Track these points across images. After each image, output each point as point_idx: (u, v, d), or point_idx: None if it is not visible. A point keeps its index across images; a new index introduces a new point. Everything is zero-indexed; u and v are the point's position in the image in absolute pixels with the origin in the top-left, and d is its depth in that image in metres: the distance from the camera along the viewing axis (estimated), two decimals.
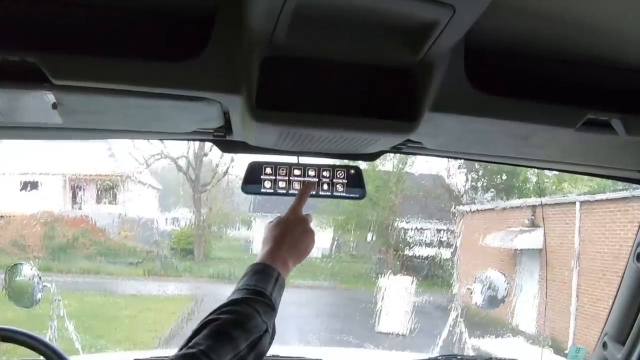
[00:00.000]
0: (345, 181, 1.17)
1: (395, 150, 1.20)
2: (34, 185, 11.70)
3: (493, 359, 1.82)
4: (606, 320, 1.46)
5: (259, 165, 1.16)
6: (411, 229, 11.92)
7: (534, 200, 10.04)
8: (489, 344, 7.46)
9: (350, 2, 0.69)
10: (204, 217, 12.38)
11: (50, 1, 0.79)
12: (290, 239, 1.06)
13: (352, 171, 1.18)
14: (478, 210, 11.28)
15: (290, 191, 1.16)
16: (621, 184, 6.71)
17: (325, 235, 11.89)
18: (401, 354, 3.77)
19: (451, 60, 0.84)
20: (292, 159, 1.17)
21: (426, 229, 11.85)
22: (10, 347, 1.49)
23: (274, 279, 0.99)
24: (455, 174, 12.54)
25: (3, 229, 10.83)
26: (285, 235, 1.06)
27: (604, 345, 1.44)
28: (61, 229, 11.21)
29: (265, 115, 0.84)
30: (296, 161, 1.17)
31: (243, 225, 13.52)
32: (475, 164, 11.35)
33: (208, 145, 1.65)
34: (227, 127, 1.06)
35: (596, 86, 0.95)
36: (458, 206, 11.69)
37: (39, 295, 2.17)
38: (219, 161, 12.17)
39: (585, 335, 7.78)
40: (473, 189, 12.47)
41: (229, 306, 0.92)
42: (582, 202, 8.50)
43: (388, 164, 11.56)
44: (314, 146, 1.01)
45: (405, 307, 8.97)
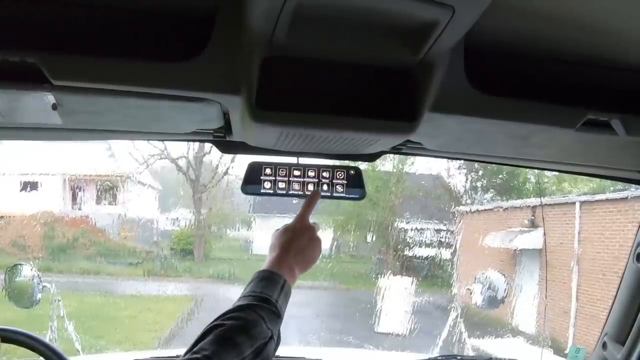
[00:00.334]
0: (345, 182, 1.17)
1: (395, 150, 1.20)
2: (33, 186, 11.69)
3: (493, 359, 1.82)
4: (606, 321, 1.46)
5: (259, 165, 1.16)
6: (411, 230, 11.92)
7: (534, 201, 10.04)
8: (489, 344, 7.45)
9: (350, 2, 0.69)
10: (203, 218, 12.37)
11: (50, 1, 0.79)
12: (297, 246, 1.06)
13: (352, 172, 1.17)
14: (478, 210, 11.27)
15: (290, 192, 1.16)
16: (621, 185, 6.71)
17: (325, 236, 11.88)
18: (401, 354, 3.77)
19: (451, 60, 0.84)
20: (292, 160, 1.17)
21: (426, 230, 11.84)
22: (10, 348, 1.49)
23: (280, 286, 0.99)
24: (455, 174, 12.57)
25: (3, 229, 10.82)
26: (292, 243, 1.06)
27: (604, 345, 1.44)
28: (61, 230, 11.20)
29: (265, 115, 0.84)
30: (296, 162, 1.17)
31: (243, 225, 13.52)
32: (475, 164, 11.35)
33: (208, 145, 1.65)
34: (227, 128, 1.06)
35: (596, 86, 0.95)
36: (458, 206, 11.69)
37: (39, 295, 2.17)
38: (219, 161, 12.18)
39: (585, 336, 7.78)
40: (473, 189, 12.47)
41: (235, 312, 0.92)
42: (582, 203, 8.50)
43: (388, 164, 11.56)
44: (313, 146, 1.01)
45: (405, 308, 8.97)
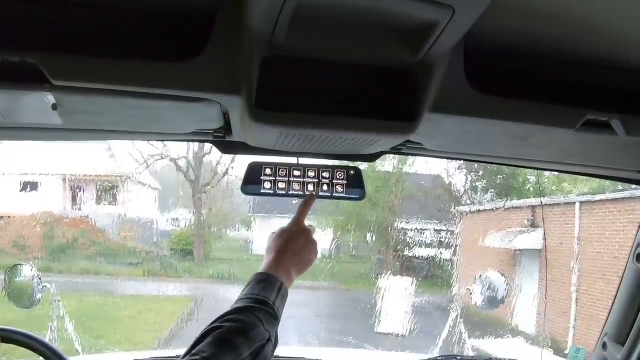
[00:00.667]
0: (345, 182, 1.17)
1: (395, 151, 1.20)
2: (33, 186, 11.68)
3: (493, 359, 1.82)
4: (606, 321, 1.46)
5: (259, 166, 1.16)
6: (411, 230, 11.91)
7: (534, 201, 10.04)
8: (489, 345, 7.45)
9: (351, 3, 0.69)
10: (203, 218, 12.35)
11: (50, 1, 0.79)
12: (294, 249, 1.07)
13: (352, 172, 1.17)
14: (478, 210, 11.26)
15: (290, 192, 1.16)
16: (621, 185, 6.71)
17: (326, 236, 11.87)
18: (401, 354, 3.78)
19: (451, 60, 0.84)
20: (292, 160, 1.17)
21: (426, 230, 11.83)
22: (10, 348, 1.48)
23: (277, 288, 1.00)
24: (455, 174, 12.56)
25: (3, 229, 10.81)
26: (289, 246, 1.07)
27: (604, 345, 1.44)
28: (61, 230, 11.19)
29: (265, 115, 0.84)
30: (296, 162, 1.17)
31: (243, 226, 13.51)
32: (475, 165, 11.35)
33: (208, 145, 1.65)
34: (227, 128, 1.06)
35: (596, 86, 0.94)
36: (458, 207, 11.68)
37: (39, 295, 2.17)
38: (218, 162, 12.18)
39: (585, 336, 7.78)
40: (473, 190, 12.47)
41: (233, 315, 0.92)
42: (582, 203, 8.50)
43: (388, 164, 11.55)
44: (313, 147, 1.01)
45: (405, 308, 8.97)
